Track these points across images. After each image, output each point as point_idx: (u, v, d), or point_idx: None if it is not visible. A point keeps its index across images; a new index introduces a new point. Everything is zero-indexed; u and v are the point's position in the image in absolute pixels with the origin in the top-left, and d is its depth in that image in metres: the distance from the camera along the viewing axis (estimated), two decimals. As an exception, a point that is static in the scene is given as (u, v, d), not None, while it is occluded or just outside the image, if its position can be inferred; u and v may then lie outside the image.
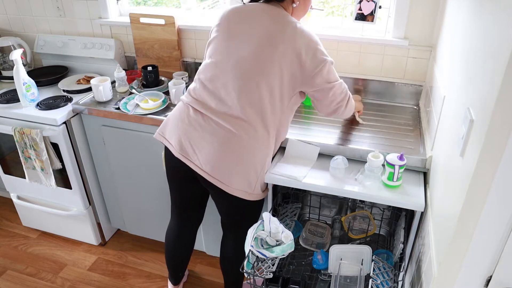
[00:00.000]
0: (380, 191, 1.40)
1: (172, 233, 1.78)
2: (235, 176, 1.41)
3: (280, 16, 1.39)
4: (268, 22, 1.38)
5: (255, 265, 1.40)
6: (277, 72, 1.36)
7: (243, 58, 1.38)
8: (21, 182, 2.21)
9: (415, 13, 1.74)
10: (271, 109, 1.40)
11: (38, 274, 2.17)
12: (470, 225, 0.90)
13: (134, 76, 2.18)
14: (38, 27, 2.45)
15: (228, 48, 1.41)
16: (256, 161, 1.42)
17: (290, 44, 1.34)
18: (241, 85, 1.38)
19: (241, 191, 1.44)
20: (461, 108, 1.05)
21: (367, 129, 1.70)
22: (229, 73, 1.39)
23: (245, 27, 1.40)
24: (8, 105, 2.02)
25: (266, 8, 1.41)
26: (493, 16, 0.89)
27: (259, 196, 1.50)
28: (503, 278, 0.93)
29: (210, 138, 1.39)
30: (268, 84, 1.37)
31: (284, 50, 1.34)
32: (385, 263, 1.50)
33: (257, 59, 1.36)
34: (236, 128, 1.38)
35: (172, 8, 2.32)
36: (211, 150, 1.39)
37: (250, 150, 1.40)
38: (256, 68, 1.36)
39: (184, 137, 1.43)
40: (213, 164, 1.40)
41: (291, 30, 1.35)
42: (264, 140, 1.42)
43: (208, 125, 1.40)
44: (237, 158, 1.40)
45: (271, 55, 1.35)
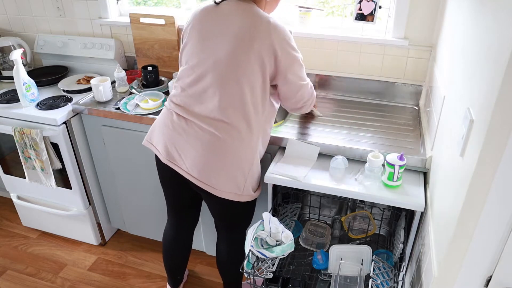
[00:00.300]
0: (380, 191, 1.40)
1: (168, 235, 1.78)
2: (222, 179, 1.41)
3: (252, 13, 1.35)
4: (240, 20, 1.35)
5: (255, 265, 1.40)
6: (255, 70, 1.35)
7: (220, 59, 1.36)
8: (21, 182, 2.21)
9: (415, 13, 1.74)
10: (253, 109, 1.39)
11: (38, 274, 2.17)
12: (470, 225, 0.90)
13: (134, 76, 2.18)
14: (38, 27, 2.45)
15: (203, 51, 1.39)
16: (243, 162, 1.42)
17: (265, 40, 1.32)
18: (221, 87, 1.36)
19: (230, 193, 1.43)
20: (461, 108, 1.05)
21: (367, 129, 1.70)
22: (208, 76, 1.38)
23: (218, 27, 1.37)
24: (8, 105, 2.02)
25: (238, 5, 1.37)
26: (493, 16, 0.89)
27: (251, 196, 1.49)
28: (503, 278, 0.93)
29: (194, 142, 1.39)
30: (248, 83, 1.36)
31: (260, 47, 1.32)
32: (385, 263, 1.50)
33: (234, 59, 1.34)
34: (219, 131, 1.37)
35: (172, 8, 2.32)
36: (196, 155, 1.39)
37: (235, 152, 1.39)
38: (234, 68, 1.35)
39: (169, 143, 1.44)
40: (199, 168, 1.40)
41: (264, 26, 1.33)
42: (249, 141, 1.41)
43: (191, 130, 1.40)
44: (222, 161, 1.39)
45: (247, 54, 1.33)
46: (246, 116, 1.38)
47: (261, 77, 1.36)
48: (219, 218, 1.62)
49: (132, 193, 2.11)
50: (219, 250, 1.71)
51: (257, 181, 1.52)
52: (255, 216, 1.85)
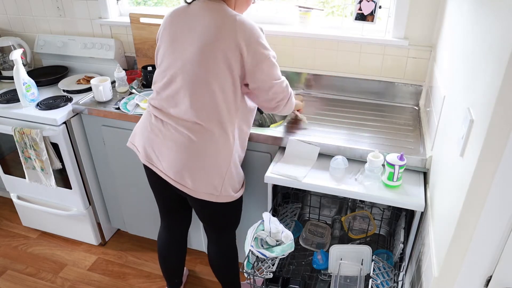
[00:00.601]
0: (380, 191, 1.40)
1: (162, 238, 1.78)
2: (198, 180, 1.41)
3: (219, 12, 1.34)
4: (207, 20, 1.33)
5: (255, 265, 1.40)
6: (223, 70, 1.33)
7: (189, 61, 1.35)
8: (21, 182, 2.21)
9: (415, 13, 1.74)
10: (226, 109, 1.38)
11: (38, 274, 2.17)
12: (470, 225, 0.90)
13: (134, 76, 2.18)
14: (38, 27, 2.45)
15: (173, 54, 1.39)
16: (219, 163, 1.41)
17: (231, 39, 1.30)
18: (192, 89, 1.36)
19: (207, 194, 1.43)
20: (461, 108, 1.05)
21: (367, 129, 1.70)
22: (178, 79, 1.38)
23: (186, 28, 1.37)
24: (8, 105, 2.02)
25: (206, 5, 1.36)
26: (493, 16, 0.89)
27: (230, 197, 1.48)
28: (503, 278, 0.93)
29: (170, 144, 1.41)
30: (218, 83, 1.34)
31: (226, 47, 1.30)
32: (385, 263, 1.50)
33: (202, 60, 1.33)
34: (193, 133, 1.38)
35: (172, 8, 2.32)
36: (172, 156, 1.41)
37: (210, 153, 1.39)
38: (203, 69, 1.33)
39: (147, 144, 1.47)
40: (175, 170, 1.41)
41: (230, 24, 1.31)
42: (224, 142, 1.40)
43: (168, 132, 1.41)
44: (197, 162, 1.40)
45: (214, 54, 1.31)
46: (219, 117, 1.37)
47: (230, 76, 1.34)
48: (203, 220, 1.63)
49: (132, 193, 2.11)
50: (209, 252, 1.72)
51: (238, 181, 1.51)
52: (255, 216, 1.86)
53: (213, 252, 1.71)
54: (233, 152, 1.44)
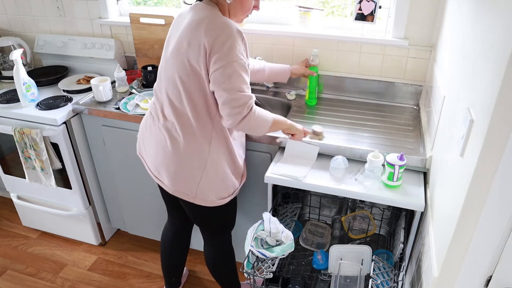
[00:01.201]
0: (380, 191, 1.40)
1: (166, 233, 1.80)
2: (173, 179, 1.44)
3: (202, 12, 1.30)
4: (188, 21, 1.32)
5: (255, 265, 1.40)
6: (189, 73, 1.30)
7: (168, 61, 1.38)
8: (21, 182, 2.21)
9: (415, 13, 1.74)
10: (196, 113, 1.35)
11: (38, 274, 2.17)
12: (470, 225, 0.90)
13: (134, 76, 2.18)
14: (38, 27, 2.45)
15: (163, 55, 1.44)
16: (191, 165, 1.41)
17: (199, 38, 1.25)
18: (168, 89, 1.39)
19: (181, 193, 1.45)
20: (461, 108, 1.05)
21: (367, 129, 1.70)
22: (162, 78, 1.43)
23: (175, 31, 1.39)
24: (8, 105, 2.02)
25: (196, 7, 1.34)
26: (493, 15, 0.89)
27: (211, 202, 1.46)
28: (503, 278, 0.93)
29: (153, 141, 1.47)
30: (185, 86, 1.32)
31: (193, 46, 1.26)
32: (385, 263, 1.50)
33: (173, 61, 1.34)
34: (169, 134, 1.41)
35: (172, 8, 2.32)
36: (153, 153, 1.48)
37: (181, 157, 1.41)
38: (174, 70, 1.34)
39: (141, 139, 1.58)
40: (154, 166, 1.50)
41: (203, 25, 1.26)
42: (196, 144, 1.39)
43: (154, 129, 1.47)
44: (171, 163, 1.43)
45: (182, 56, 1.30)
46: (190, 122, 1.37)
47: (196, 79, 1.30)
48: (193, 220, 1.65)
49: (132, 193, 2.11)
50: (205, 253, 1.74)
51: (225, 189, 1.48)
52: (255, 216, 1.86)
53: (207, 252, 1.72)
54: (210, 157, 1.40)
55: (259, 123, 1.36)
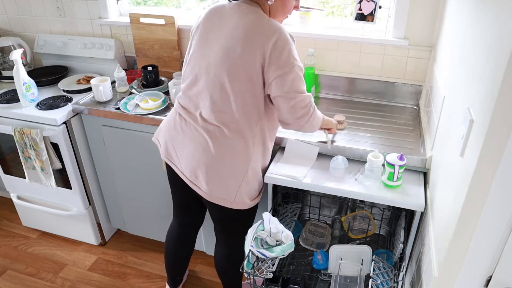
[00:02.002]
0: (380, 191, 1.40)
1: (173, 234, 1.78)
2: (212, 183, 1.39)
3: (249, 14, 1.29)
4: (236, 23, 1.29)
5: (255, 265, 1.40)
6: (244, 77, 1.28)
7: (212, 63, 1.32)
8: (21, 182, 2.21)
9: (415, 13, 1.74)
10: (245, 117, 1.34)
11: (38, 274, 2.17)
12: (470, 225, 0.90)
13: (134, 76, 2.18)
14: (38, 27, 2.45)
15: (201, 53, 1.37)
16: (234, 171, 1.38)
17: (255, 43, 1.25)
18: (212, 92, 1.34)
19: (220, 199, 1.42)
20: (461, 108, 1.05)
21: (367, 129, 1.70)
22: (201, 80, 1.36)
23: (217, 28, 1.34)
24: (8, 105, 2.02)
25: (239, 7, 1.32)
26: (493, 16, 0.89)
27: (244, 205, 1.45)
28: (503, 278, 0.93)
29: (189, 143, 1.40)
30: (238, 89, 1.30)
31: (249, 52, 1.25)
32: (385, 263, 1.50)
33: (224, 63, 1.29)
34: (210, 136, 1.36)
35: (172, 8, 2.32)
36: (189, 156, 1.40)
37: (225, 159, 1.37)
38: (224, 73, 1.30)
39: (169, 141, 1.47)
40: (190, 169, 1.41)
41: (258, 29, 1.25)
42: (242, 149, 1.37)
43: (189, 130, 1.41)
44: (211, 166, 1.38)
45: (236, 59, 1.27)
46: (238, 123, 1.34)
47: (250, 84, 1.29)
48: (216, 222, 1.62)
49: (132, 193, 2.11)
50: (217, 253, 1.71)
51: (256, 189, 1.48)
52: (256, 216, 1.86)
53: (220, 253, 1.69)
54: (252, 160, 1.40)
55: (317, 120, 1.43)
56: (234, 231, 1.61)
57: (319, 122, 1.45)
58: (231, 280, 1.76)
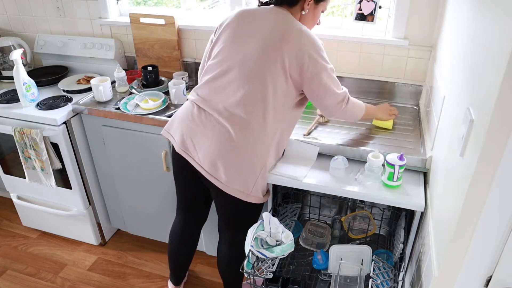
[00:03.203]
0: (380, 191, 1.40)
1: (176, 231, 1.78)
2: (231, 175, 1.41)
3: (287, 19, 1.40)
4: (274, 23, 1.40)
5: (255, 265, 1.40)
6: (280, 73, 1.37)
7: (248, 57, 1.39)
8: (21, 182, 2.21)
9: (415, 13, 1.74)
10: (273, 110, 1.40)
11: (38, 274, 2.17)
12: (470, 225, 0.90)
13: (134, 76, 2.18)
14: (38, 27, 2.45)
15: (234, 47, 1.43)
16: (255, 161, 1.41)
17: (294, 46, 1.35)
18: (245, 83, 1.39)
19: (238, 191, 1.43)
20: (461, 108, 1.05)
21: (367, 129, 1.70)
22: (234, 71, 1.41)
23: (251, 28, 1.43)
24: (8, 105, 2.02)
25: (275, 11, 1.43)
26: (493, 16, 0.89)
27: (258, 199, 1.48)
28: (503, 278, 0.93)
29: (210, 135, 1.41)
30: (272, 84, 1.37)
31: (288, 52, 1.35)
32: (385, 263, 1.50)
33: (262, 59, 1.37)
34: (235, 127, 1.38)
35: (172, 8, 2.32)
36: (210, 147, 1.41)
37: (247, 150, 1.39)
38: (260, 68, 1.37)
39: (186, 134, 1.47)
40: (210, 161, 1.41)
41: (295, 32, 1.37)
42: (264, 141, 1.41)
43: (209, 123, 1.42)
44: (233, 157, 1.40)
45: (275, 56, 1.36)
46: (265, 116, 1.39)
47: (284, 81, 1.38)
48: (224, 217, 1.62)
49: (132, 193, 2.11)
50: (221, 251, 1.71)
51: (265, 183, 1.50)
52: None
53: (225, 250, 1.69)
54: (271, 154, 1.45)
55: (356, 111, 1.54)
56: (240, 226, 1.61)
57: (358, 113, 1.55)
58: (232, 279, 1.75)
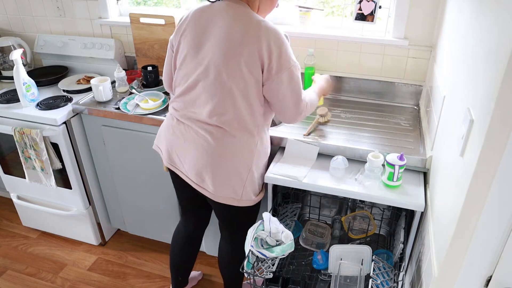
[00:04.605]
0: (380, 191, 1.40)
1: (179, 233, 1.79)
2: (218, 184, 1.40)
3: (243, 16, 1.30)
4: (231, 22, 1.30)
5: (255, 265, 1.40)
6: (246, 75, 1.30)
7: (211, 67, 1.32)
8: (21, 182, 2.21)
9: (415, 13, 1.74)
10: (250, 114, 1.36)
11: (38, 274, 2.17)
12: (470, 225, 0.90)
13: (134, 76, 2.18)
14: (38, 27, 2.45)
15: (195, 58, 1.36)
16: (239, 168, 1.40)
17: (254, 45, 1.26)
18: (213, 96, 1.34)
19: (228, 198, 1.43)
20: (461, 108, 1.05)
21: (367, 129, 1.70)
22: (200, 84, 1.36)
23: (209, 30, 1.33)
24: (8, 105, 2.02)
25: (229, 8, 1.32)
26: (493, 16, 0.89)
27: (251, 202, 1.47)
28: (503, 278, 0.93)
29: (191, 147, 1.40)
30: (241, 89, 1.32)
31: (249, 52, 1.27)
32: (385, 263, 1.50)
33: (225, 65, 1.30)
34: (213, 137, 1.37)
35: (172, 8, 2.32)
36: (193, 159, 1.41)
37: (230, 158, 1.38)
38: (225, 74, 1.31)
39: (170, 147, 1.47)
40: (196, 172, 1.42)
41: (255, 30, 1.27)
42: (246, 146, 1.39)
43: (189, 135, 1.41)
44: (216, 167, 1.39)
45: (237, 59, 1.28)
46: (243, 121, 1.35)
47: (253, 81, 1.31)
48: (222, 221, 1.63)
49: (132, 193, 2.11)
50: (222, 250, 1.71)
51: (259, 184, 1.50)
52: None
53: (225, 250, 1.70)
54: (255, 156, 1.42)
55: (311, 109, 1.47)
56: (240, 227, 1.62)
57: (312, 109, 1.48)
58: (233, 278, 1.76)
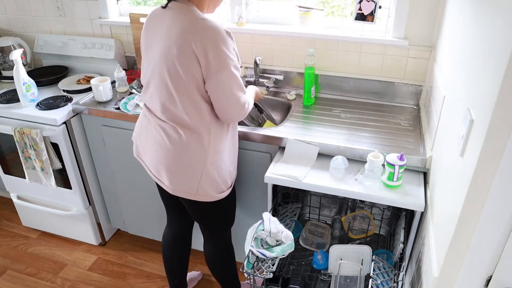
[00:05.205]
0: (380, 191, 1.40)
1: (166, 234, 1.79)
2: (173, 178, 1.43)
3: (185, 15, 1.30)
4: (170, 24, 1.30)
5: (255, 265, 1.40)
6: (182, 75, 1.30)
7: (155, 69, 1.36)
8: (21, 182, 2.21)
9: (415, 13, 1.74)
10: (194, 111, 1.36)
11: (38, 274, 2.17)
12: (470, 225, 0.90)
13: (134, 76, 2.18)
14: (38, 27, 2.45)
15: (146, 59, 1.42)
16: (191, 165, 1.40)
17: (188, 44, 1.25)
18: (160, 92, 1.37)
19: (184, 192, 1.45)
20: (461, 108, 1.05)
21: (367, 129, 1.70)
22: (151, 83, 1.41)
23: (157, 33, 1.36)
24: (8, 105, 2.02)
25: (175, 8, 1.33)
26: (493, 16, 0.89)
27: (212, 197, 1.47)
28: (503, 278, 0.93)
29: (151, 141, 1.46)
30: (180, 87, 1.32)
31: (183, 52, 1.27)
32: (385, 263, 1.50)
33: (164, 65, 1.32)
34: (166, 134, 1.40)
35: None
36: (152, 153, 1.47)
37: (181, 154, 1.40)
38: (165, 75, 1.32)
39: (138, 140, 1.55)
40: (154, 166, 1.48)
41: (190, 28, 1.26)
42: (197, 143, 1.39)
43: (150, 128, 1.46)
44: (170, 162, 1.42)
45: (172, 59, 1.29)
46: (189, 119, 1.36)
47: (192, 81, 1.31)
48: (194, 218, 1.64)
49: (132, 193, 2.11)
50: (205, 251, 1.73)
51: (223, 182, 1.48)
52: (255, 216, 1.86)
53: (207, 251, 1.72)
54: (210, 154, 1.41)
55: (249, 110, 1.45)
56: (214, 225, 1.64)
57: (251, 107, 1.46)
58: (223, 275, 1.77)
